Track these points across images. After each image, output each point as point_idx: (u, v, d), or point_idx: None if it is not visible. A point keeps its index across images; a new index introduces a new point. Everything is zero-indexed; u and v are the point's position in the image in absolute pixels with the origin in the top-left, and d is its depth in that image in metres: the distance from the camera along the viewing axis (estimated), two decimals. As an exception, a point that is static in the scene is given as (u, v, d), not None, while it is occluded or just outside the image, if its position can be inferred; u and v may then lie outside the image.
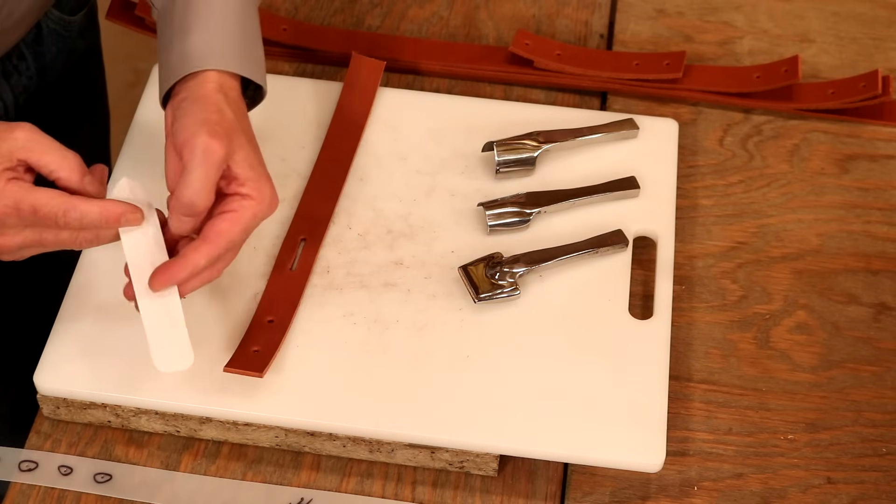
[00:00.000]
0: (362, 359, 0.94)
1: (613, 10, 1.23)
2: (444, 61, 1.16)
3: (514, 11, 1.23)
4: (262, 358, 0.92)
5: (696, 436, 0.95)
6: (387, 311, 0.96)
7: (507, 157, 1.04)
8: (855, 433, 0.96)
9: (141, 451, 0.93)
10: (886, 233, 1.07)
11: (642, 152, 1.07)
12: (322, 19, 1.21)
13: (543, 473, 0.93)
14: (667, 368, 0.94)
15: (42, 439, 0.94)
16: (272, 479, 0.93)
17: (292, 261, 0.98)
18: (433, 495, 0.92)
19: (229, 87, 0.89)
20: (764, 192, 1.09)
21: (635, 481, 0.93)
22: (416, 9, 1.22)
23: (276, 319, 0.94)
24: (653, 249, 1.02)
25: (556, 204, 1.02)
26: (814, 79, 1.18)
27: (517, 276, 0.97)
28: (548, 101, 1.15)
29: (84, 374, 0.92)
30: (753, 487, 0.93)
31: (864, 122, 1.15)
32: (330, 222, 1.00)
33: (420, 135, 1.07)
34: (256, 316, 0.95)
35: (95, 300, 0.96)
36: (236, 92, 0.90)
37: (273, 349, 0.92)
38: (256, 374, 0.91)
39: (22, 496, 0.91)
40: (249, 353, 0.92)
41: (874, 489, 0.93)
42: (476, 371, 0.93)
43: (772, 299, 1.03)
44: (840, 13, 1.24)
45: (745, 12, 1.23)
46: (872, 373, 0.99)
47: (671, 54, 1.15)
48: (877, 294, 1.04)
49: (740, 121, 1.14)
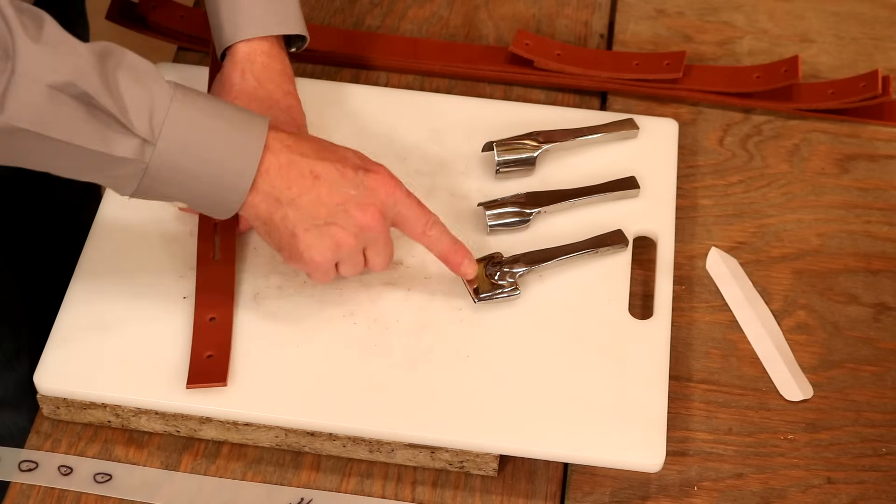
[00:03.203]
0: (362, 359, 0.94)
1: (613, 10, 1.24)
2: (444, 61, 1.16)
3: (514, 11, 1.23)
4: (219, 364, 0.92)
5: (696, 436, 0.95)
6: (387, 311, 0.96)
7: (507, 157, 1.04)
8: (855, 433, 0.96)
9: (141, 451, 0.93)
10: (886, 233, 1.07)
11: (642, 152, 1.07)
12: (322, 19, 1.21)
13: (543, 473, 0.93)
14: (667, 368, 0.94)
15: (42, 439, 0.94)
16: (272, 479, 0.93)
17: (213, 250, 0.98)
18: (433, 495, 0.92)
19: (258, 53, 0.98)
20: (764, 192, 1.09)
21: (635, 481, 0.93)
22: (416, 9, 1.22)
23: (217, 317, 0.94)
24: (653, 249, 1.02)
25: (556, 204, 1.02)
26: (814, 79, 1.18)
27: (517, 276, 0.97)
28: (548, 101, 1.15)
29: (84, 374, 0.92)
30: (753, 487, 0.93)
31: (864, 122, 1.15)
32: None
33: (420, 135, 1.07)
34: (197, 316, 0.94)
35: (96, 301, 0.95)
36: (265, 55, 0.98)
37: (226, 351, 0.92)
38: (221, 384, 0.91)
39: (22, 496, 0.91)
40: (205, 361, 0.92)
41: (874, 489, 0.93)
42: (476, 371, 0.93)
43: (772, 299, 1.03)
44: (840, 13, 1.24)
45: (745, 12, 1.23)
46: (872, 373, 0.99)
47: (671, 54, 1.15)
48: (877, 294, 1.04)
49: (740, 121, 1.14)
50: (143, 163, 0.81)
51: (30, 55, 0.77)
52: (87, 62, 0.79)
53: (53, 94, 0.78)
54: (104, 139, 0.80)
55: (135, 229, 0.99)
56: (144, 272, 0.97)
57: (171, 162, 0.82)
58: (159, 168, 0.82)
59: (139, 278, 0.97)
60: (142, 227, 0.99)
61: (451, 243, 0.93)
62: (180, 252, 0.98)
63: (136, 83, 0.81)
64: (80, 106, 0.79)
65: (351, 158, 0.89)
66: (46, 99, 0.78)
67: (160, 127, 0.81)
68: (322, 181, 0.87)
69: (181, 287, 0.96)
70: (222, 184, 0.84)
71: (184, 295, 0.96)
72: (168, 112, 0.81)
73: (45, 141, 0.79)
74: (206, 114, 0.83)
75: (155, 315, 0.95)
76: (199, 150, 0.83)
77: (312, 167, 0.87)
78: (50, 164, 0.82)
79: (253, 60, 0.97)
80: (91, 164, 0.81)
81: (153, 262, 0.97)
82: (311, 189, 0.87)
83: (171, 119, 0.81)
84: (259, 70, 0.97)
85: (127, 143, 0.81)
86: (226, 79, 0.97)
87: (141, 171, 0.82)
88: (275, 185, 0.86)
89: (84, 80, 0.78)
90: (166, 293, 0.96)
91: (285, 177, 0.86)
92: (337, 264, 0.90)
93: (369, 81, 1.16)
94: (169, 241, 0.99)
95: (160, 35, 1.18)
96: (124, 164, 0.81)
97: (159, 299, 0.96)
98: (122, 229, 0.99)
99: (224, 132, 0.84)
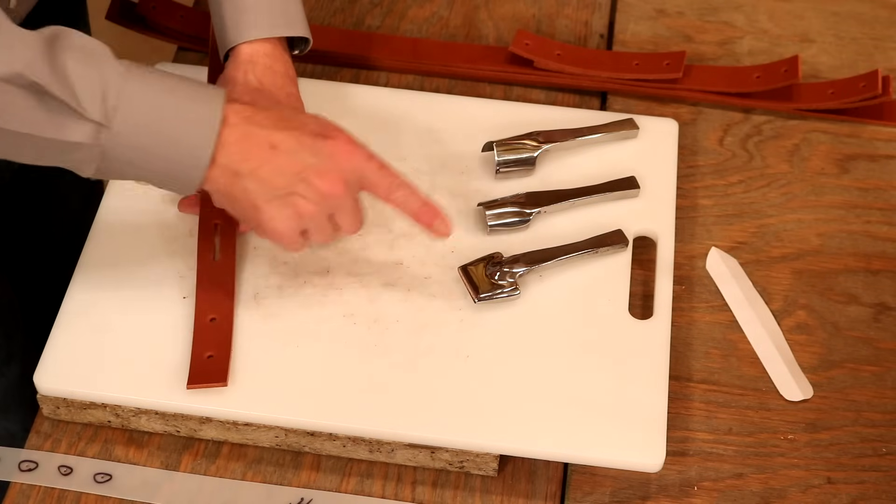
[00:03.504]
0: (362, 359, 0.94)
1: (613, 10, 1.24)
2: (444, 61, 1.16)
3: (514, 11, 1.23)
4: (219, 364, 0.92)
5: (696, 436, 0.95)
6: (387, 311, 0.96)
7: (507, 157, 1.04)
8: (855, 433, 0.96)
9: (141, 451, 0.93)
10: (886, 233, 1.07)
11: (642, 152, 1.07)
12: (322, 19, 1.21)
13: (543, 473, 0.93)
14: (667, 368, 0.94)
15: (42, 439, 0.94)
16: (272, 479, 0.93)
17: (213, 250, 0.98)
18: (433, 495, 0.92)
19: (260, 55, 0.97)
20: (764, 192, 1.09)
21: (635, 481, 0.93)
22: (416, 9, 1.22)
23: (217, 317, 0.94)
24: (653, 249, 1.02)
25: (556, 204, 1.02)
26: (814, 79, 1.18)
27: (517, 276, 0.97)
28: (548, 101, 1.15)
29: (84, 374, 0.92)
30: (753, 487, 0.93)
31: (864, 122, 1.15)
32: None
33: (420, 135, 1.07)
34: (197, 317, 0.94)
35: (96, 301, 0.96)
36: (267, 57, 0.96)
37: (226, 352, 0.92)
38: (221, 385, 0.91)
39: (22, 496, 0.91)
40: (205, 361, 0.92)
41: (874, 489, 0.93)
42: (476, 371, 0.93)
43: (772, 299, 1.03)
44: (840, 13, 1.24)
45: (745, 12, 1.23)
46: (872, 373, 0.99)
47: (671, 54, 1.15)
48: (877, 294, 1.04)
49: (740, 121, 1.14)
50: (99, 146, 0.81)
51: None
52: (34, 51, 0.78)
53: (2, 85, 0.77)
54: (57, 126, 0.80)
55: (134, 229, 0.99)
56: (144, 272, 0.97)
57: (128, 143, 0.82)
58: (116, 149, 0.82)
59: (139, 278, 0.97)
60: (142, 226, 1.00)
61: (419, 204, 0.91)
62: (180, 252, 0.98)
63: (85, 66, 0.80)
64: (31, 95, 0.79)
65: (310, 125, 0.88)
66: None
67: (114, 109, 0.80)
68: (280, 151, 0.86)
69: (181, 287, 0.96)
70: (181, 161, 0.84)
71: (184, 295, 0.96)
72: (120, 94, 0.81)
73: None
74: (159, 92, 0.83)
75: (155, 315, 0.95)
76: (154, 129, 0.82)
77: (270, 137, 0.86)
78: (7, 152, 0.82)
79: (255, 62, 0.97)
80: (47, 150, 0.81)
81: (153, 262, 0.97)
82: (270, 160, 0.86)
83: (123, 101, 0.81)
84: (261, 72, 0.97)
85: (81, 129, 0.80)
86: (228, 80, 0.97)
87: (98, 155, 0.82)
88: (233, 159, 0.85)
89: (32, 70, 0.78)
90: (166, 293, 0.96)
91: (243, 149, 0.85)
92: (305, 231, 0.90)
93: (369, 81, 1.16)
94: (169, 240, 0.99)
95: (160, 35, 1.18)
96: (80, 148, 0.81)
97: (159, 299, 0.96)
98: (122, 229, 0.99)
99: (179, 109, 0.83)
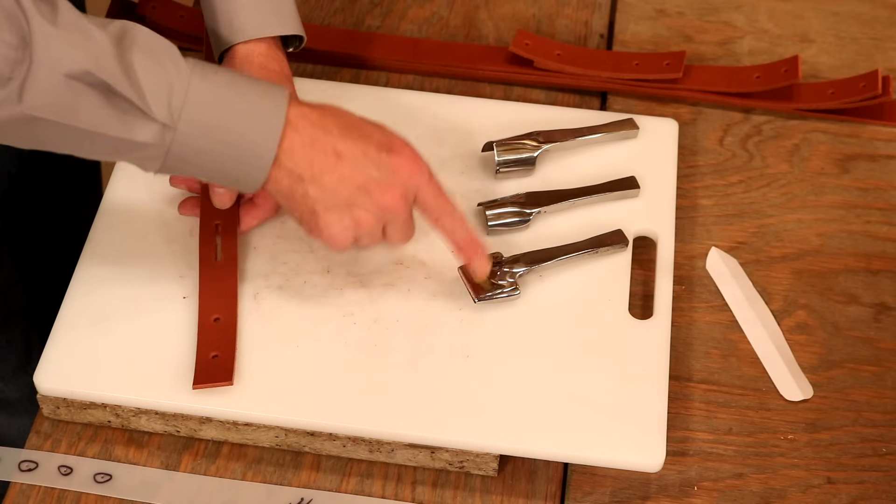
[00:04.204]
0: (362, 359, 0.94)
1: (613, 10, 1.23)
2: (444, 61, 1.16)
3: (514, 11, 1.22)
4: (224, 364, 0.92)
5: (696, 436, 0.95)
6: (387, 311, 0.96)
7: (507, 157, 1.04)
8: (855, 433, 0.96)
9: (141, 451, 0.93)
10: (886, 233, 1.07)
11: (642, 152, 1.07)
12: (322, 19, 1.21)
13: (543, 473, 0.93)
14: (667, 368, 0.94)
15: (42, 439, 0.94)
16: (272, 479, 0.92)
17: (215, 250, 0.98)
18: (433, 495, 0.92)
19: (255, 54, 0.97)
20: (764, 192, 1.09)
21: (635, 481, 0.93)
22: (416, 9, 1.22)
23: (221, 317, 0.94)
24: (653, 249, 1.02)
25: (556, 204, 1.02)
26: (814, 79, 1.18)
27: (517, 276, 0.97)
28: (548, 101, 1.15)
29: (84, 374, 0.92)
30: (753, 487, 0.93)
31: (864, 122, 1.15)
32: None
33: (420, 135, 1.07)
34: (201, 317, 0.94)
35: (95, 301, 0.95)
36: (262, 57, 0.97)
37: (231, 351, 0.92)
38: (227, 384, 0.91)
39: (22, 496, 0.91)
40: (210, 361, 0.92)
41: (874, 489, 0.93)
42: (476, 371, 0.93)
43: (772, 299, 1.03)
44: (840, 13, 1.24)
45: (745, 12, 1.23)
46: (872, 373, 0.99)
47: (671, 54, 1.15)
48: (877, 294, 1.04)
49: (740, 121, 1.14)
50: (165, 146, 0.82)
51: (47, 43, 0.76)
52: (103, 48, 0.79)
53: (71, 83, 0.78)
54: (124, 125, 0.80)
55: (135, 229, 0.99)
56: (144, 272, 0.97)
57: (193, 144, 0.82)
58: (181, 149, 0.82)
59: (139, 278, 0.97)
60: (142, 226, 0.99)
61: (465, 237, 0.92)
62: (181, 251, 0.98)
63: (153, 65, 0.81)
64: (99, 94, 0.79)
65: (375, 136, 0.89)
66: (64, 88, 0.78)
67: (179, 111, 0.81)
68: (345, 160, 0.86)
69: (182, 287, 0.96)
70: (245, 161, 0.85)
71: (184, 294, 0.96)
72: (186, 95, 0.81)
73: (65, 129, 0.79)
74: (225, 92, 0.83)
75: (155, 315, 0.95)
76: (217, 131, 0.83)
77: (335, 145, 0.86)
78: (73, 148, 0.82)
79: (251, 62, 0.97)
80: (113, 148, 0.82)
81: (153, 262, 0.97)
82: (334, 168, 0.86)
83: (189, 102, 0.81)
84: (257, 72, 0.97)
85: (147, 129, 0.81)
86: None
87: (163, 154, 0.82)
88: (297, 163, 0.85)
89: (101, 68, 0.78)
90: (167, 293, 0.96)
91: (308, 154, 0.86)
92: (357, 238, 0.90)
93: (369, 81, 1.16)
94: (169, 240, 0.99)
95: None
96: (145, 147, 0.82)
97: (160, 299, 0.96)
98: (122, 229, 0.99)
99: (244, 111, 0.84)
